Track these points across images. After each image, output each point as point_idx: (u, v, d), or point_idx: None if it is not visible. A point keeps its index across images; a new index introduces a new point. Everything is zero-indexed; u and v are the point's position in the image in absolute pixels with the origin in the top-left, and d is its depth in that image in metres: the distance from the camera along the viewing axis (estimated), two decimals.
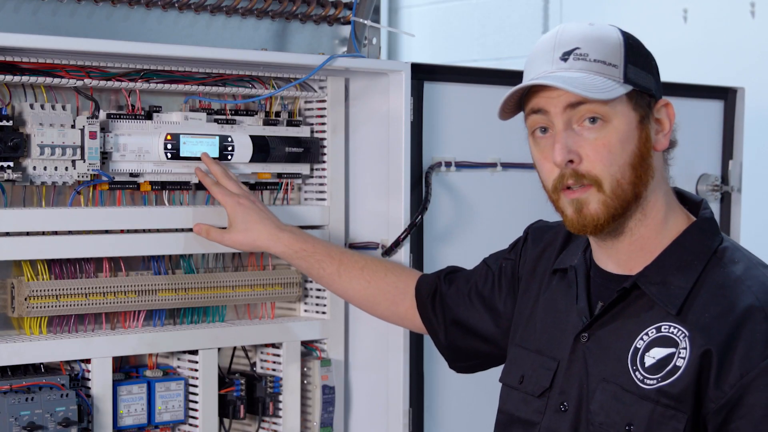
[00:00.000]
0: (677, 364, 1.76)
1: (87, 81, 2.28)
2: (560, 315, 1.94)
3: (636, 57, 1.82)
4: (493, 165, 2.79)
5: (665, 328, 1.79)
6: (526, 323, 2.01)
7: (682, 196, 1.92)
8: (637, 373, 1.80)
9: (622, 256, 1.88)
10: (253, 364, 2.60)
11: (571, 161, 1.80)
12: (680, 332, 1.78)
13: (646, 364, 1.79)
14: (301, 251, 2.34)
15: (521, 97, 1.87)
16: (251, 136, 2.48)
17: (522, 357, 1.98)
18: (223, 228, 2.38)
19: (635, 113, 1.82)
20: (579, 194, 1.81)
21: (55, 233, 2.25)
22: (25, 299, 2.22)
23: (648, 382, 1.79)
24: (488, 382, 2.38)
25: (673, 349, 1.78)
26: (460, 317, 2.18)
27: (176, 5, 2.54)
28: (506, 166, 2.79)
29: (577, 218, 1.82)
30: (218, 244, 2.38)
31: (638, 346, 1.81)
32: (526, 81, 1.84)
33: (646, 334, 1.81)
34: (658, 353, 1.79)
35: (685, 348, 1.76)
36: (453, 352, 2.23)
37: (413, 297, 2.26)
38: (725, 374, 1.73)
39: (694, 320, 1.77)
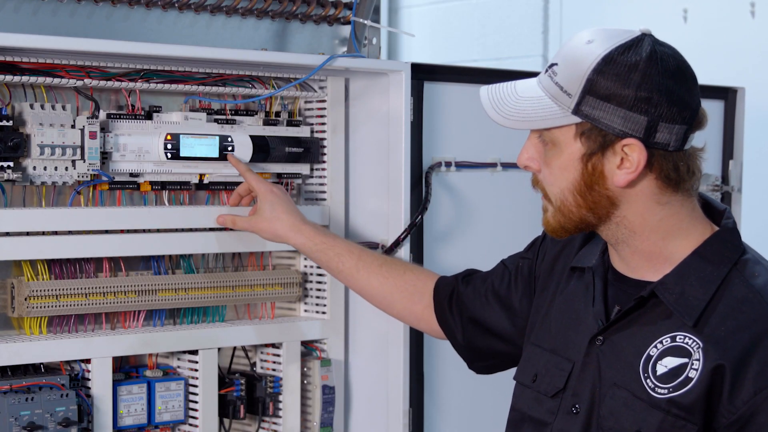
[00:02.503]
0: (689, 375, 1.75)
1: (87, 81, 2.28)
2: (576, 316, 1.92)
3: (607, 90, 1.75)
4: (493, 165, 2.79)
5: (680, 338, 1.78)
6: (541, 322, 2.00)
7: (707, 204, 1.89)
8: (648, 380, 1.79)
9: (632, 263, 1.87)
10: (253, 364, 2.60)
11: (534, 167, 1.86)
12: (695, 343, 1.76)
13: (658, 373, 1.78)
14: (321, 244, 2.34)
15: None
16: (251, 136, 2.48)
17: (536, 356, 1.97)
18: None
19: (581, 146, 1.79)
20: (543, 199, 1.88)
21: (55, 233, 2.25)
22: (25, 299, 2.22)
23: (659, 390, 1.77)
24: (489, 382, 2.38)
25: (686, 360, 1.76)
26: (476, 316, 2.17)
27: (176, 5, 2.54)
28: (506, 166, 2.79)
29: (542, 220, 1.89)
30: (217, 242, 2.39)
31: (651, 353, 1.80)
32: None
33: (661, 342, 1.79)
34: (670, 362, 1.77)
35: (698, 360, 1.75)
36: (471, 352, 2.21)
37: (431, 297, 2.25)
38: (738, 390, 1.72)
39: (709, 333, 1.76)
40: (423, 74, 2.64)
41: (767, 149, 4.33)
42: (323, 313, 2.63)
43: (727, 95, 3.25)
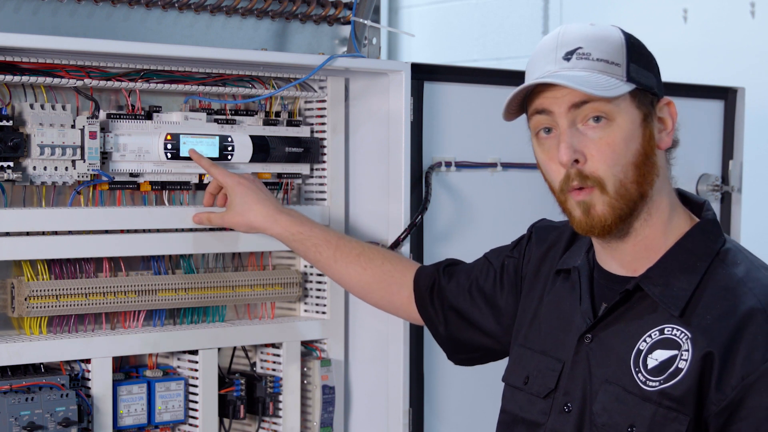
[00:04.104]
0: (679, 366, 1.76)
1: (87, 81, 2.28)
2: (564, 316, 1.93)
3: (638, 56, 1.82)
4: (493, 165, 2.79)
5: (668, 330, 1.79)
6: (529, 324, 2.00)
7: (684, 197, 1.91)
8: (639, 374, 1.80)
9: (626, 257, 1.87)
10: (253, 364, 2.60)
11: (576, 161, 1.79)
12: (683, 334, 1.77)
13: (649, 366, 1.79)
14: (298, 234, 2.35)
15: (524, 97, 1.86)
16: (251, 136, 2.48)
17: (526, 358, 1.98)
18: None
19: (638, 111, 1.81)
20: (584, 196, 1.80)
21: (55, 233, 2.25)
22: (25, 299, 2.22)
23: (650, 384, 1.78)
24: (488, 382, 2.38)
25: (675, 352, 1.77)
26: (460, 311, 2.17)
27: (176, 5, 2.54)
28: (506, 166, 2.79)
29: (585, 220, 1.81)
30: (217, 242, 2.39)
31: (641, 348, 1.81)
32: (530, 81, 1.83)
33: (649, 336, 1.80)
34: (660, 355, 1.78)
35: (687, 350, 1.76)
36: (453, 345, 2.22)
37: (410, 288, 2.26)
38: (727, 376, 1.73)
39: (696, 322, 1.77)
40: (423, 74, 2.64)
41: (767, 149, 4.33)
42: (323, 313, 2.63)
43: (727, 95, 3.25)
